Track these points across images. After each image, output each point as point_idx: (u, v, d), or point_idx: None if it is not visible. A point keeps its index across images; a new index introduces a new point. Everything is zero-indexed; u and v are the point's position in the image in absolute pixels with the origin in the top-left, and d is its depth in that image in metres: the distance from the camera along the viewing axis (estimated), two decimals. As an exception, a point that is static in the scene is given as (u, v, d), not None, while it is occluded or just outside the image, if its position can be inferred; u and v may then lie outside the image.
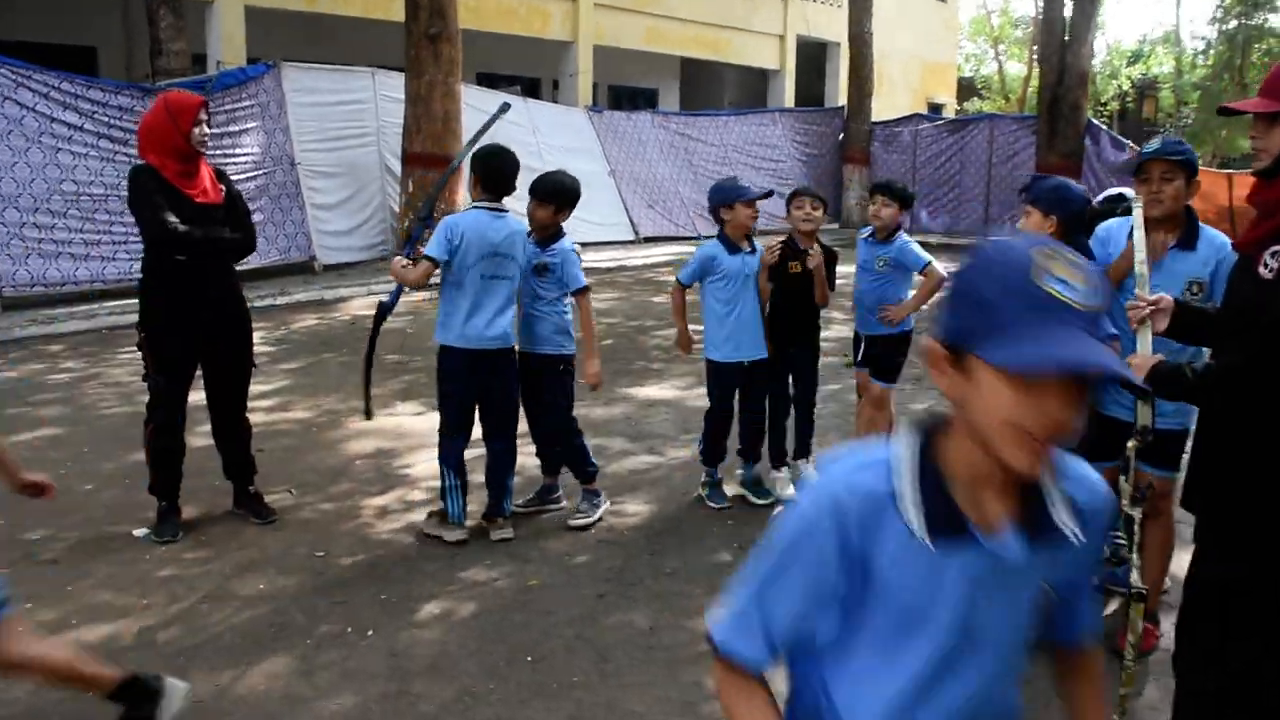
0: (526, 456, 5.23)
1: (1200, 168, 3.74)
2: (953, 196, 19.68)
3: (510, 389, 4.72)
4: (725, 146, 19.25)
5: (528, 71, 20.28)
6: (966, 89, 34.86)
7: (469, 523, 4.72)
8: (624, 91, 22.71)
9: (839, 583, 1.34)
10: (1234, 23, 27.09)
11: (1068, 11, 17.32)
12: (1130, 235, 3.69)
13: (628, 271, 14.38)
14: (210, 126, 4.61)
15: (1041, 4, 19.97)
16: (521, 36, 18.58)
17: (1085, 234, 3.79)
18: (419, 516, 4.93)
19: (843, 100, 21.89)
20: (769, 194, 5.30)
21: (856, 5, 19.74)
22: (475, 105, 14.07)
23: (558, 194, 4.75)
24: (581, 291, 4.81)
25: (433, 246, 4.40)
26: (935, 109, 26.53)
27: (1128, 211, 4.54)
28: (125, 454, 5.71)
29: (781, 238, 5.33)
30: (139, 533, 4.63)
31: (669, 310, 11.21)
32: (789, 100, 23.36)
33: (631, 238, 16.89)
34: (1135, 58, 35.85)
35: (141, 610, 3.91)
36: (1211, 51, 27.93)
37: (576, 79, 19.35)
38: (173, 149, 4.39)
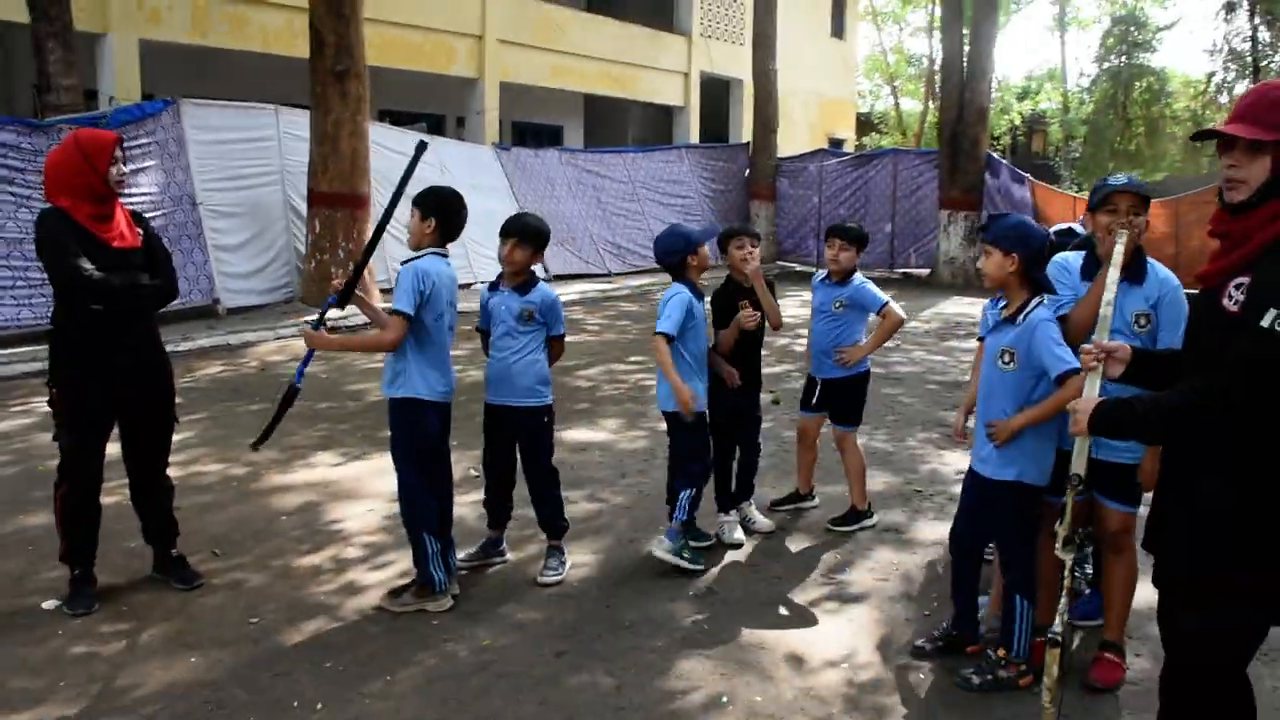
0: (462, 509, 5.02)
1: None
2: (857, 230, 19.97)
3: (448, 439, 4.51)
4: (633, 183, 19.25)
5: (431, 109, 20.04)
6: (864, 125, 35.73)
7: (403, 580, 4.49)
8: (528, 128, 22.61)
9: None
10: (1116, 61, 28.31)
11: (965, 49, 17.83)
12: (1091, 278, 3.68)
13: (542, 309, 14.19)
14: (125, 165, 4.31)
15: (940, 43, 20.50)
16: (426, 73, 18.36)
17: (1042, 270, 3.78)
18: (355, 575, 4.66)
19: (747, 136, 22.14)
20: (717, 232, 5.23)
21: (760, 44, 20.03)
22: (382, 144, 13.82)
23: (539, 236, 4.59)
24: (560, 336, 4.66)
25: (405, 300, 4.09)
26: (835, 144, 27.06)
27: (1081, 246, 4.56)
28: (26, 517, 5.31)
29: (721, 283, 5.26)
30: (49, 605, 4.26)
31: (588, 349, 11.20)
32: (694, 136, 23.56)
33: (542, 276, 16.65)
34: (1024, 94, 37.25)
35: (59, 694, 3.56)
36: (1097, 88, 29.14)
37: (484, 117, 19.18)
38: (86, 190, 4.08)
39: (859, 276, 5.36)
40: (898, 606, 4.51)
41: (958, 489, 6.23)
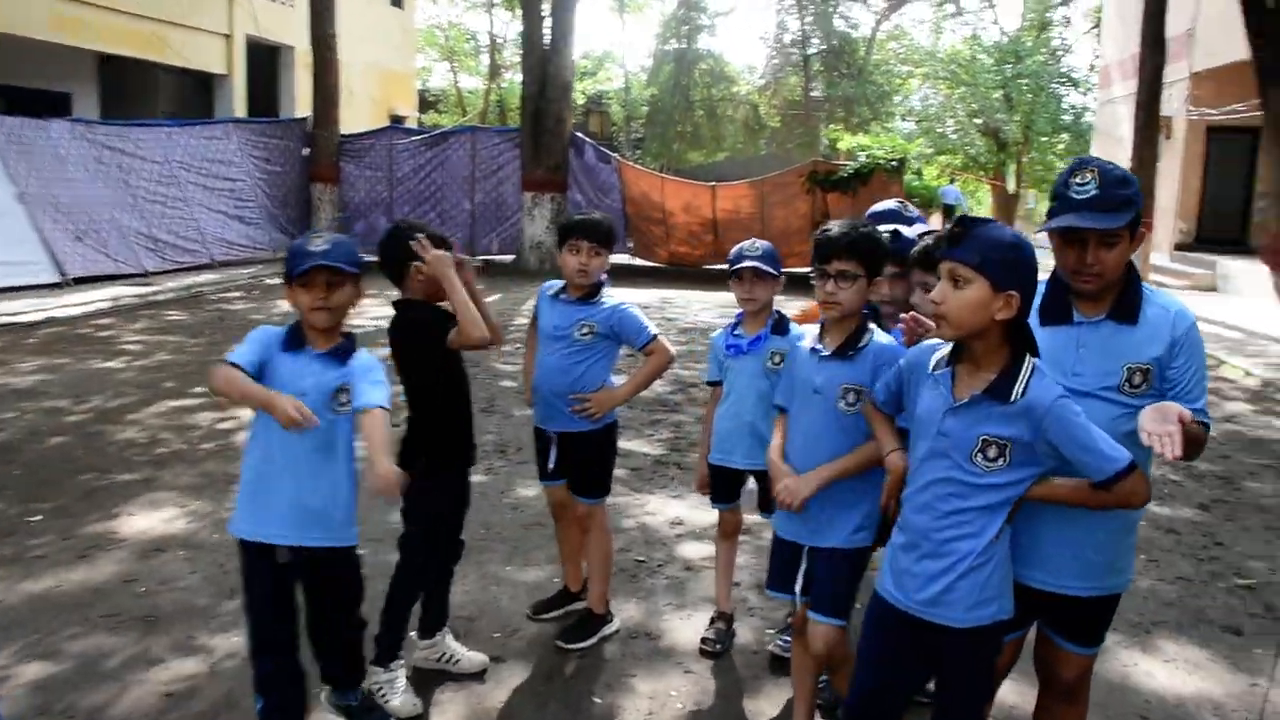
0: None
1: (696, 182, 2.63)
2: (435, 214, 18.34)
3: None
4: (170, 163, 16.11)
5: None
6: (423, 102, 33.88)
7: None
8: (22, 95, 18.22)
9: None
10: (678, 44, 28.91)
11: (546, 24, 16.77)
12: (1060, 321, 2.38)
13: (57, 325, 10.99)
14: None
15: (498, 18, 19.34)
16: None
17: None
18: None
19: (303, 111, 19.61)
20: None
21: (317, 5, 17.59)
22: None
23: None
24: None
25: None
26: (397, 121, 25.07)
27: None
28: None
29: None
30: None
31: (135, 380, 8.50)
32: (240, 109, 20.47)
33: (56, 279, 13.29)
34: (582, 74, 37.29)
35: None
36: (659, 70, 29.58)
37: (-42, 76, 14.97)
38: None
39: (609, 292, 3.79)
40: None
41: (688, 551, 4.90)
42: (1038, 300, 2.41)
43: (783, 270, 3.66)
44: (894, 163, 15.99)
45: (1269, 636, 4.20)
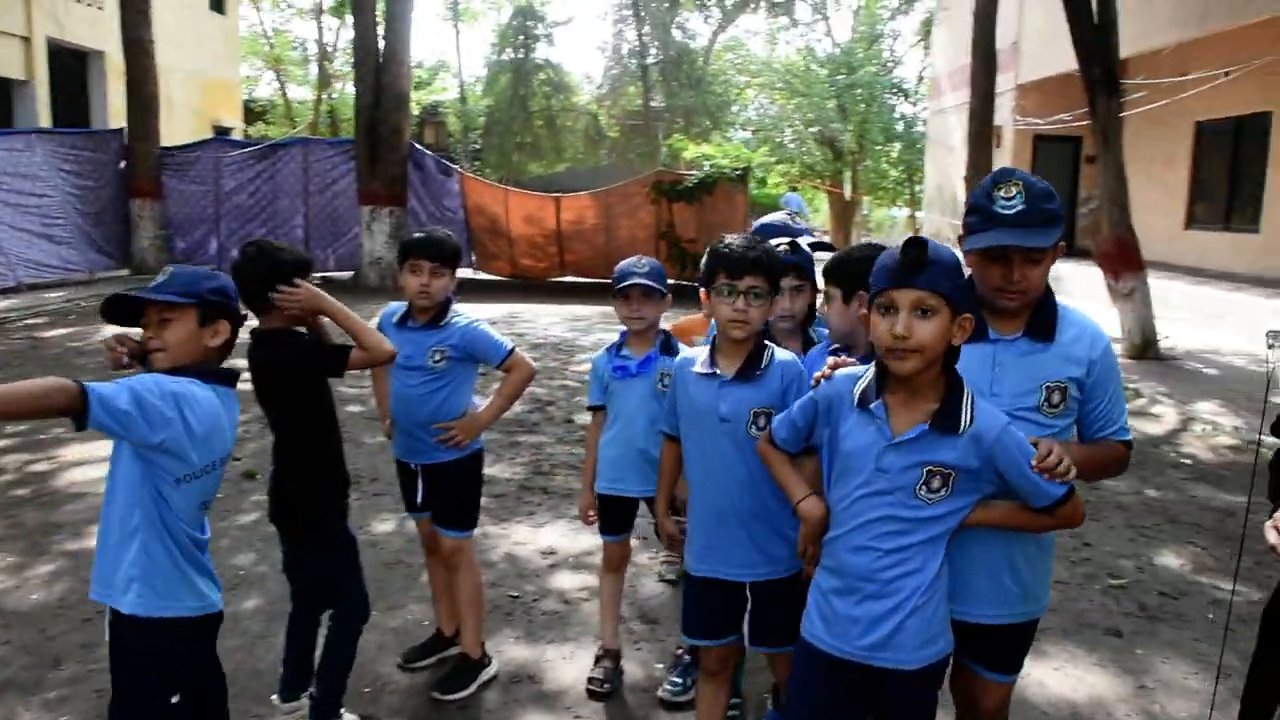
0: None
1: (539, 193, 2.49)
2: (267, 230, 17.39)
3: None
4: (-35, 177, 14.79)
5: None
6: (249, 113, 32.45)
7: None
8: None
9: None
10: (515, 54, 28.53)
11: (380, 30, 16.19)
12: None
13: None
14: None
15: (328, 26, 18.62)
16: None
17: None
18: None
19: (116, 121, 18.37)
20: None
21: (130, 7, 16.48)
22: None
23: None
24: None
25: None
26: (222, 132, 23.84)
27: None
28: None
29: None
30: None
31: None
32: (45, 119, 19.01)
33: None
34: (416, 85, 36.48)
35: None
36: (496, 80, 29.14)
37: None
38: None
39: (458, 310, 3.57)
40: None
41: (563, 583, 4.61)
42: None
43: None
44: (738, 172, 16.04)
45: (1147, 636, 4.24)
